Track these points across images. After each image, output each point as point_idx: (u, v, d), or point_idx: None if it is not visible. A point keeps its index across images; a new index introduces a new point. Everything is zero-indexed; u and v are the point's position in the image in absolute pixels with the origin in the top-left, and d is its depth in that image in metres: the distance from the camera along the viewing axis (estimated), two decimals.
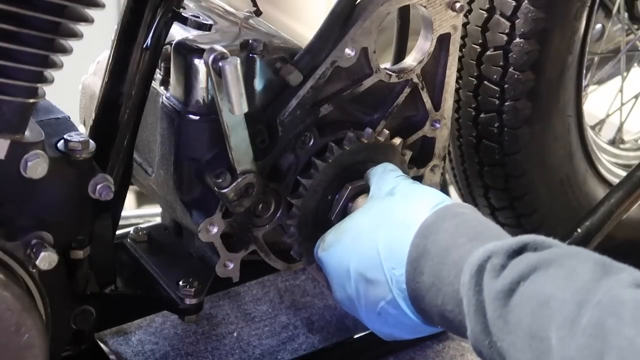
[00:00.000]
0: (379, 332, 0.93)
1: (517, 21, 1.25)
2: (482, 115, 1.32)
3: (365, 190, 1.03)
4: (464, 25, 1.27)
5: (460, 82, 1.32)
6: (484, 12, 1.27)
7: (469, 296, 0.73)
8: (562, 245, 0.73)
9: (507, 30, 1.25)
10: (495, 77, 1.28)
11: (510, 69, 1.27)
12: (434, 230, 0.82)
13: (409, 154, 1.10)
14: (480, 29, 1.28)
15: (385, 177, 0.98)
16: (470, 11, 1.28)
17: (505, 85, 1.28)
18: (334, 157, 1.02)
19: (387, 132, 1.06)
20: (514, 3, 1.24)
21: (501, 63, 1.27)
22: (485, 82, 1.30)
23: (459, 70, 1.30)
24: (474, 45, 1.29)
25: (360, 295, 0.91)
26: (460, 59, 1.29)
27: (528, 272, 0.69)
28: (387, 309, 0.88)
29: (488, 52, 1.28)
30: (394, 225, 0.87)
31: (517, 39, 1.25)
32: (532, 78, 1.27)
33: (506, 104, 1.29)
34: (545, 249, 0.72)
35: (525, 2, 1.24)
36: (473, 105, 1.33)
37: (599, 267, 0.68)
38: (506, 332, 0.69)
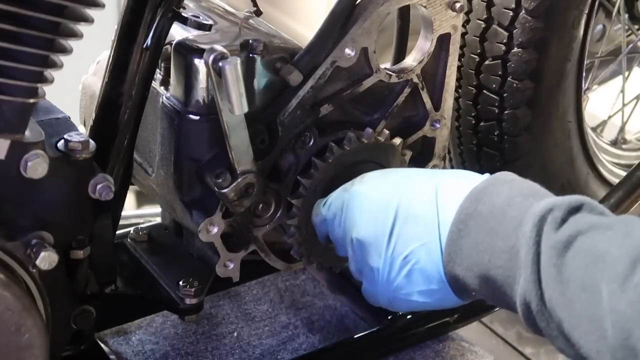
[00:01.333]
0: (391, 284, 0.89)
1: (514, 31, 1.25)
2: (482, 123, 1.33)
3: None
4: (463, 35, 1.27)
5: (460, 91, 1.33)
6: (482, 22, 1.28)
7: (529, 245, 0.74)
8: (613, 214, 0.75)
9: (505, 40, 1.26)
10: (494, 86, 1.28)
11: (509, 78, 1.28)
12: (486, 193, 0.82)
13: (409, 154, 1.10)
14: (478, 39, 1.28)
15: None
16: (468, 21, 1.29)
17: (505, 94, 1.28)
18: (334, 157, 1.02)
19: (387, 132, 1.06)
20: (511, 13, 1.25)
21: (500, 72, 1.28)
22: (485, 91, 1.30)
23: (458, 80, 1.31)
24: (472, 55, 1.29)
25: (394, 234, 0.88)
26: (459, 68, 1.30)
27: (587, 229, 0.71)
28: (419, 252, 0.86)
29: (487, 62, 1.28)
30: (456, 174, 0.88)
31: (515, 49, 1.26)
32: (531, 86, 1.28)
33: (506, 112, 1.30)
34: (601, 212, 0.75)
35: (523, 12, 1.24)
36: (473, 114, 1.33)
37: None
38: (558, 281, 0.70)
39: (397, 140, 1.07)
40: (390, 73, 1.07)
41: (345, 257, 0.98)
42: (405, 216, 0.88)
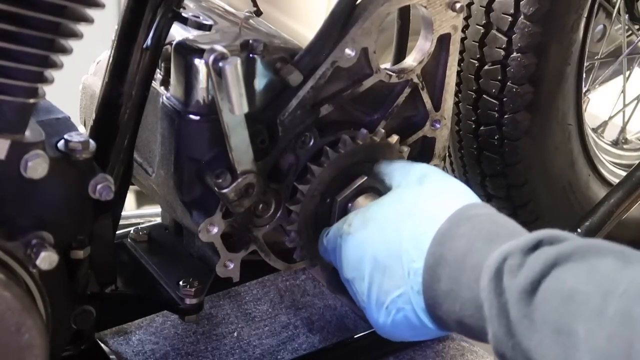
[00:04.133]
0: (381, 327, 0.92)
1: (513, 36, 1.26)
2: (482, 127, 1.33)
3: (365, 189, 1.03)
4: (462, 40, 1.27)
5: (460, 96, 1.33)
6: (481, 27, 1.28)
7: (490, 299, 0.73)
8: (576, 238, 0.73)
9: (504, 45, 1.26)
10: (494, 90, 1.29)
11: (508, 83, 1.28)
12: (449, 236, 0.82)
13: (406, 150, 1.10)
14: (477, 44, 1.29)
15: (412, 166, 0.99)
16: (467, 27, 1.29)
17: (504, 99, 1.29)
18: (330, 161, 1.02)
19: (382, 131, 1.06)
20: (510, 18, 1.25)
21: (499, 77, 1.28)
22: (484, 96, 1.31)
23: (458, 85, 1.31)
24: (472, 60, 1.30)
25: (373, 284, 0.90)
26: (459, 73, 1.30)
27: (549, 268, 0.69)
28: (397, 302, 0.88)
29: (486, 67, 1.29)
30: (421, 218, 0.87)
31: (515, 54, 1.26)
32: (531, 90, 1.28)
33: (505, 116, 1.30)
34: (561, 242, 0.72)
35: (522, 17, 1.24)
36: (473, 118, 1.33)
37: (618, 257, 0.68)
38: (533, 330, 0.69)
39: (394, 139, 1.07)
40: (391, 73, 1.07)
41: None
42: (381, 269, 0.89)
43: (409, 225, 0.88)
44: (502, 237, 0.78)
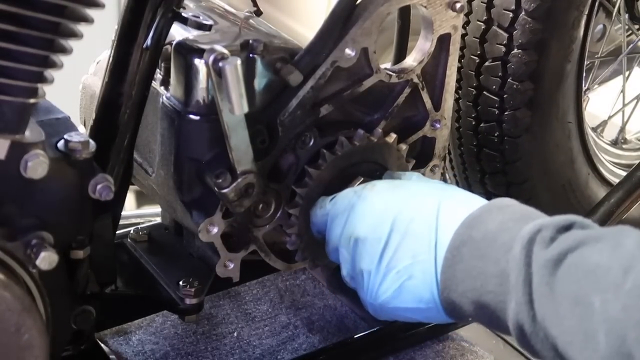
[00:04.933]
0: (380, 295, 0.90)
1: (514, 32, 1.25)
2: (482, 124, 1.33)
3: None
4: (463, 37, 1.27)
5: (460, 92, 1.33)
6: (482, 23, 1.28)
7: (519, 267, 0.74)
8: (604, 228, 0.75)
9: (504, 42, 1.26)
10: (494, 87, 1.28)
11: (509, 80, 1.28)
12: (480, 220, 0.83)
13: (404, 148, 1.09)
14: (478, 40, 1.28)
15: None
16: (468, 23, 1.29)
17: (505, 95, 1.29)
18: (327, 163, 1.02)
19: (380, 131, 1.06)
20: (511, 15, 1.25)
21: (500, 74, 1.28)
22: (485, 93, 1.30)
23: (458, 82, 1.31)
24: (472, 57, 1.29)
25: (389, 246, 0.89)
26: (459, 70, 1.30)
27: (576, 245, 0.71)
28: (412, 268, 0.87)
29: (487, 63, 1.28)
30: (459, 198, 0.88)
31: (515, 50, 1.26)
32: (531, 87, 1.28)
33: (506, 113, 1.30)
34: (592, 228, 0.75)
35: (523, 13, 1.24)
36: (473, 115, 1.33)
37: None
38: (551, 299, 0.70)
39: (391, 138, 1.07)
40: (391, 73, 1.07)
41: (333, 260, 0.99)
42: (404, 231, 0.88)
43: (449, 201, 0.88)
44: (535, 218, 0.79)
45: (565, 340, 0.69)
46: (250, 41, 0.98)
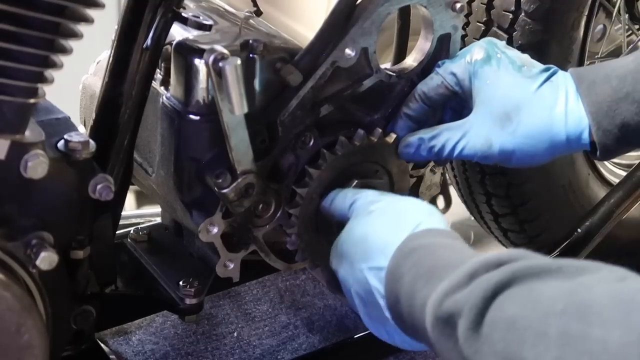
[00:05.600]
0: (390, 341, 0.93)
1: (514, 33, 1.25)
2: None
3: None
4: (462, 38, 1.27)
5: None
6: (482, 25, 1.28)
7: (439, 342, 0.73)
8: (516, 259, 0.71)
9: (504, 43, 1.26)
10: None
11: None
12: (398, 275, 0.82)
13: (392, 137, 1.09)
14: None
15: (360, 193, 0.98)
16: (468, 24, 1.29)
17: None
18: (327, 163, 1.02)
19: (379, 130, 1.06)
20: (511, 16, 1.25)
21: None
22: None
23: None
24: None
25: (366, 315, 0.91)
26: None
27: (489, 299, 0.69)
28: (390, 330, 0.88)
29: None
30: (375, 253, 0.87)
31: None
32: None
33: None
34: (499, 266, 0.71)
35: (522, 14, 1.24)
36: None
37: (557, 275, 0.68)
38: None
39: (391, 138, 1.07)
40: (391, 73, 1.07)
41: None
42: (365, 303, 0.89)
43: (367, 263, 0.87)
44: (439, 275, 0.77)
45: None
46: (250, 41, 0.98)
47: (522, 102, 0.99)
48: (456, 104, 1.08)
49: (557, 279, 0.67)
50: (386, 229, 0.88)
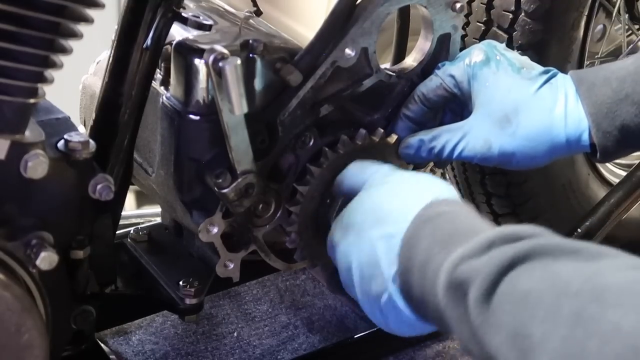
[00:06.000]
0: (383, 325, 0.91)
1: (514, 33, 1.25)
2: None
3: None
4: (462, 38, 1.27)
5: None
6: (482, 24, 1.28)
7: (449, 308, 0.73)
8: (535, 234, 0.71)
9: (504, 43, 1.26)
10: None
11: None
12: (414, 241, 0.82)
13: (394, 138, 1.09)
14: (478, 41, 1.28)
15: (377, 164, 0.97)
16: (468, 24, 1.29)
17: None
18: (329, 161, 1.02)
19: (381, 131, 1.06)
20: (511, 16, 1.25)
21: None
22: None
23: None
24: None
25: (363, 291, 0.90)
26: None
27: (505, 270, 0.68)
28: (388, 305, 0.87)
29: None
30: (388, 221, 0.86)
31: (515, 51, 1.25)
32: None
33: None
34: (516, 240, 0.71)
35: (522, 14, 1.24)
36: None
37: (575, 256, 0.67)
38: (492, 334, 0.68)
39: (393, 139, 1.07)
40: (391, 73, 1.07)
41: None
42: (366, 276, 0.88)
43: (379, 230, 0.86)
44: (457, 240, 0.76)
45: None
46: (250, 41, 0.98)
47: (522, 104, 0.99)
48: (456, 106, 1.08)
49: (575, 261, 0.67)
50: (403, 197, 0.87)
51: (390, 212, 0.87)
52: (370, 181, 0.95)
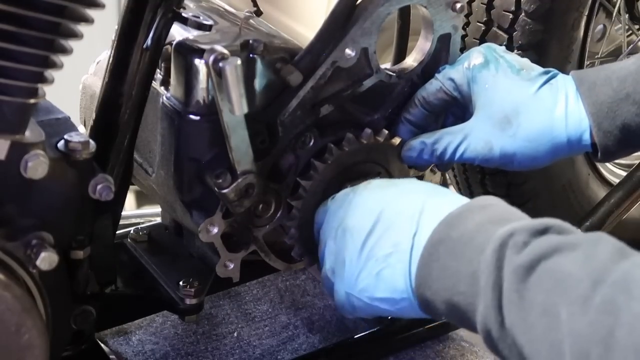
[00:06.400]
0: (353, 284, 0.91)
1: (514, 33, 1.26)
2: None
3: None
4: (463, 38, 1.27)
5: None
6: (482, 25, 1.28)
7: (489, 271, 0.73)
8: (583, 234, 0.74)
9: (504, 43, 1.26)
10: None
11: None
12: (460, 219, 0.82)
13: (397, 140, 1.09)
14: (478, 41, 1.28)
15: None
16: (468, 24, 1.29)
17: None
18: (333, 158, 1.02)
19: (386, 131, 1.06)
20: (511, 16, 1.25)
21: None
22: None
23: None
24: None
25: (372, 235, 0.89)
26: None
27: (550, 252, 0.70)
28: (391, 257, 0.87)
29: None
30: (445, 197, 0.88)
31: (515, 51, 1.26)
32: None
33: None
34: (568, 233, 0.73)
35: (522, 14, 1.24)
36: None
37: (617, 250, 0.69)
38: (520, 307, 0.70)
39: (397, 140, 1.07)
40: (391, 73, 1.07)
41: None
42: (389, 223, 0.89)
43: (435, 199, 0.88)
44: (514, 220, 0.78)
45: (532, 350, 0.69)
46: (250, 41, 0.98)
47: (521, 105, 1.00)
48: (458, 110, 1.08)
49: (616, 254, 0.69)
50: (419, 192, 0.90)
51: (448, 193, 0.91)
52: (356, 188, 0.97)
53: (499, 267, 0.73)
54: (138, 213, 1.64)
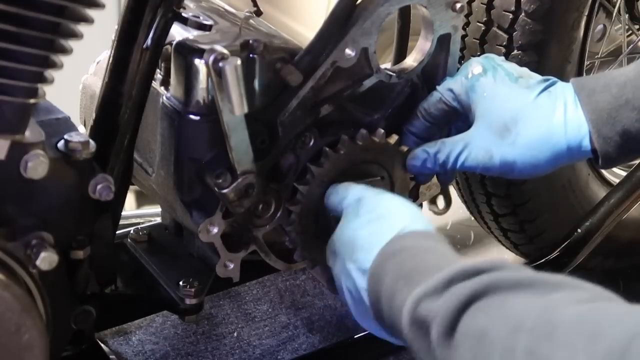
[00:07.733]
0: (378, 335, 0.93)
1: (514, 33, 1.25)
2: None
3: None
4: (462, 38, 1.27)
5: None
6: (482, 25, 1.28)
7: (414, 344, 0.75)
8: (493, 269, 0.72)
9: (504, 43, 1.26)
10: None
11: None
12: (380, 276, 0.83)
13: (406, 149, 1.09)
14: (478, 41, 1.28)
15: (347, 191, 0.99)
16: (468, 24, 1.29)
17: None
18: (329, 161, 1.02)
19: (382, 131, 1.06)
20: (511, 16, 1.25)
21: None
22: None
23: None
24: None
25: (355, 310, 0.93)
26: None
27: (463, 307, 0.69)
28: (372, 327, 0.90)
29: None
30: (360, 253, 0.88)
31: (515, 51, 1.26)
32: None
33: None
34: (475, 276, 0.71)
35: (522, 14, 1.24)
36: None
37: (531, 289, 0.68)
38: None
39: (393, 139, 1.07)
40: (391, 73, 1.07)
41: None
42: (356, 300, 0.91)
43: (354, 263, 0.89)
44: (418, 277, 0.78)
45: None
46: (250, 41, 0.98)
47: (520, 113, 1.00)
48: (460, 122, 1.09)
49: (531, 294, 0.67)
50: (371, 232, 0.89)
51: (362, 245, 0.89)
52: (346, 209, 0.96)
53: (421, 338, 0.73)
54: (138, 213, 1.64)
